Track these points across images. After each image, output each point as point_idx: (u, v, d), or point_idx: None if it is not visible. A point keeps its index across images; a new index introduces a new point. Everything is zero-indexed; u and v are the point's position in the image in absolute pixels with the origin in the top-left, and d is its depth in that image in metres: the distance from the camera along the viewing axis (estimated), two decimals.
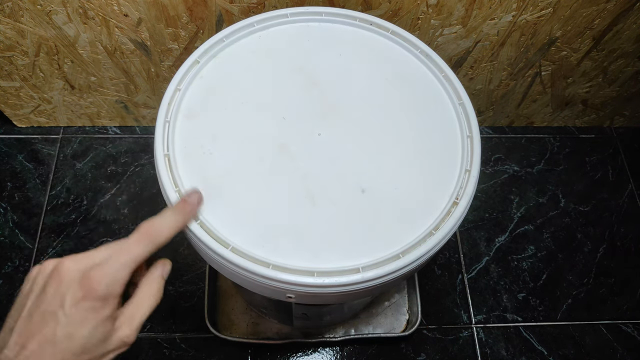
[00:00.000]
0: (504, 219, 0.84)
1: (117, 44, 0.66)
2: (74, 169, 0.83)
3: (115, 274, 0.28)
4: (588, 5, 0.62)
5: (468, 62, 0.72)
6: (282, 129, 0.42)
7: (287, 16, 0.48)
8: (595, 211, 0.86)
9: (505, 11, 0.62)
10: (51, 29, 0.64)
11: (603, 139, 0.93)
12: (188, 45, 0.67)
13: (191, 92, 0.44)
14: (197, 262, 0.77)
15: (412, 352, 0.72)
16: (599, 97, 0.84)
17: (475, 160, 0.41)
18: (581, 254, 0.82)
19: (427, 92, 0.45)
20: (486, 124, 0.92)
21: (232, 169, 0.40)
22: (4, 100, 0.79)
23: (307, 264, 0.36)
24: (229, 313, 0.72)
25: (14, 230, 0.77)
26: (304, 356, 0.71)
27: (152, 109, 0.83)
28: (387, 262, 0.36)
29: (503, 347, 0.74)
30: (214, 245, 0.36)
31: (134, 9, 0.61)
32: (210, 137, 0.41)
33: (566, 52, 0.71)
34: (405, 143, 0.42)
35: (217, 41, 0.46)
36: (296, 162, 0.41)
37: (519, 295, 0.78)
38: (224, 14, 0.62)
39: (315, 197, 0.39)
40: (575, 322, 0.76)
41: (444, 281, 0.78)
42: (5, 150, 0.84)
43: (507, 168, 0.88)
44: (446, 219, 0.38)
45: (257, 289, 0.38)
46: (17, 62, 0.70)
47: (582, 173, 0.89)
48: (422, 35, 0.66)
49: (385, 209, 0.39)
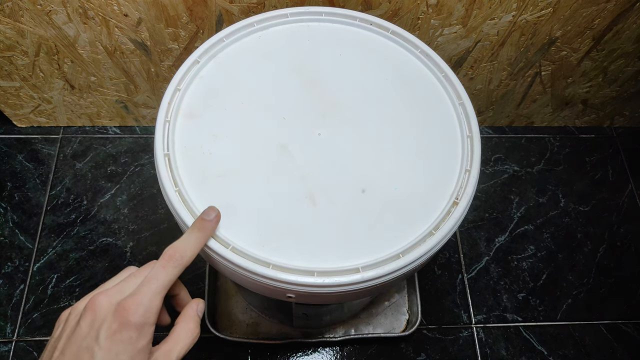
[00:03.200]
0: (504, 219, 0.84)
1: (117, 44, 0.66)
2: (74, 169, 0.83)
3: (149, 303, 0.28)
4: (588, 5, 0.62)
5: (468, 62, 0.72)
6: (282, 128, 0.42)
7: (287, 16, 0.48)
8: (595, 211, 0.86)
9: (505, 11, 0.62)
10: (51, 29, 0.64)
11: (603, 139, 0.93)
12: (188, 45, 0.67)
13: (191, 92, 0.44)
14: (197, 262, 0.76)
15: (412, 352, 0.72)
16: (599, 97, 0.84)
17: (475, 160, 0.41)
18: (581, 254, 0.82)
19: (427, 92, 0.45)
20: (486, 124, 0.92)
21: (232, 169, 0.40)
22: (4, 100, 0.79)
23: (307, 263, 0.36)
24: (229, 313, 0.72)
25: (14, 230, 0.77)
26: (304, 356, 0.71)
27: (152, 109, 0.83)
28: (387, 262, 0.36)
29: (503, 347, 0.74)
30: (214, 245, 0.36)
31: (134, 9, 0.61)
32: (210, 137, 0.41)
33: (566, 52, 0.71)
34: (405, 143, 0.42)
35: (217, 41, 0.46)
36: (296, 162, 0.41)
37: (519, 295, 0.78)
38: (224, 14, 0.62)
39: (315, 197, 0.39)
40: (575, 322, 0.76)
41: (444, 281, 0.78)
42: (5, 150, 0.84)
43: (507, 168, 0.88)
44: (446, 219, 0.38)
45: (257, 289, 0.38)
46: (17, 62, 0.70)
47: (582, 173, 0.89)
48: (422, 35, 0.66)
49: (385, 209, 0.39)
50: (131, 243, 0.77)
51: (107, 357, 0.26)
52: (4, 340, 0.70)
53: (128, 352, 0.27)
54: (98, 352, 0.26)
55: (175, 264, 0.31)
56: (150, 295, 0.29)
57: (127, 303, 0.28)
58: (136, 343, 0.27)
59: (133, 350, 0.27)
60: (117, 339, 0.27)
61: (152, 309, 0.28)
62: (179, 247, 0.32)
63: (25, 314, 0.72)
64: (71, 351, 0.27)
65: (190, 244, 0.33)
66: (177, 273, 0.31)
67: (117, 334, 0.27)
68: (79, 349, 0.27)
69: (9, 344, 0.70)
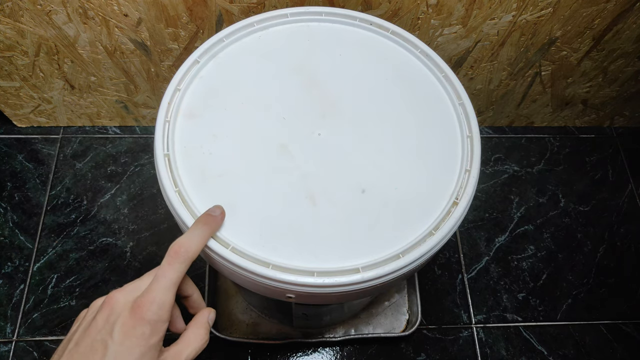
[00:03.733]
0: (504, 219, 0.84)
1: (117, 44, 0.66)
2: (74, 169, 0.83)
3: (162, 299, 0.29)
4: (588, 5, 0.62)
5: (468, 62, 0.72)
6: (282, 128, 0.42)
7: (287, 16, 0.48)
8: (595, 211, 0.86)
9: (505, 11, 0.62)
10: (51, 29, 0.64)
11: (603, 139, 0.93)
12: (188, 45, 0.67)
13: (191, 92, 0.44)
14: (197, 262, 0.76)
15: (412, 352, 0.72)
16: (599, 97, 0.84)
17: (475, 160, 0.41)
18: (581, 254, 0.82)
19: (427, 92, 0.45)
20: (486, 124, 0.92)
21: (232, 169, 0.40)
22: (4, 100, 0.79)
23: (307, 263, 0.36)
24: (229, 313, 0.72)
25: (14, 230, 0.77)
26: (304, 356, 0.71)
27: (152, 109, 0.83)
28: (387, 262, 0.36)
29: (503, 347, 0.74)
30: (214, 245, 0.36)
31: (134, 9, 0.61)
32: (210, 137, 0.41)
33: (566, 52, 0.71)
34: (405, 143, 0.42)
35: (217, 41, 0.46)
36: (296, 162, 0.41)
37: (519, 295, 0.78)
38: (224, 14, 0.62)
39: (315, 197, 0.39)
40: (575, 322, 0.76)
41: (444, 281, 0.78)
42: (5, 150, 0.84)
43: (507, 168, 0.88)
44: (446, 219, 0.38)
45: (257, 289, 0.38)
46: (17, 62, 0.70)
47: (582, 173, 0.89)
48: (422, 35, 0.66)
49: (385, 209, 0.39)
50: (131, 243, 0.77)
51: (120, 350, 0.27)
52: (4, 340, 0.70)
53: (140, 347, 0.27)
54: (111, 346, 0.27)
55: (181, 259, 0.31)
56: (161, 293, 0.29)
57: (141, 300, 0.29)
58: (149, 339, 0.28)
59: (145, 346, 0.28)
60: (131, 334, 0.27)
61: (165, 304, 0.29)
62: (183, 243, 0.32)
63: (25, 314, 0.72)
64: (86, 343, 0.27)
65: (195, 238, 0.33)
66: (184, 269, 0.31)
67: (131, 330, 0.28)
68: (93, 342, 0.27)
69: (9, 344, 0.70)
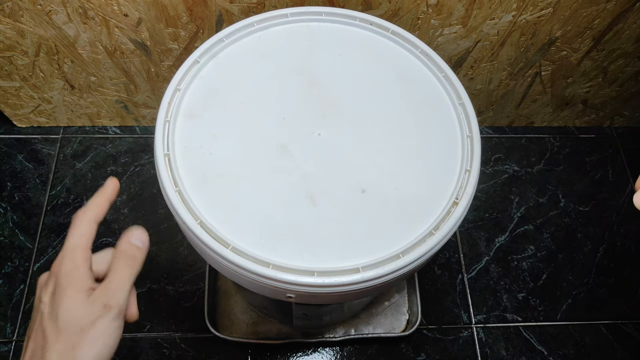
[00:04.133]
0: (504, 219, 0.84)
1: (117, 44, 0.66)
2: (74, 169, 0.83)
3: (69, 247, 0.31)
4: (588, 5, 0.62)
5: (468, 62, 0.72)
6: (282, 129, 0.42)
7: (287, 16, 0.48)
8: (595, 211, 0.85)
9: (505, 11, 0.62)
10: (51, 29, 0.64)
11: (603, 139, 0.93)
12: (188, 45, 0.67)
13: (191, 92, 0.44)
14: (197, 262, 0.77)
15: (412, 352, 0.72)
16: (599, 97, 0.84)
17: (475, 160, 0.41)
18: (581, 254, 0.82)
19: (427, 92, 0.45)
20: (486, 124, 0.92)
21: (232, 169, 0.40)
22: (4, 100, 0.79)
23: (307, 263, 0.36)
24: (229, 313, 0.72)
25: (14, 230, 0.77)
26: (304, 356, 0.71)
27: (152, 109, 0.83)
28: (387, 262, 0.36)
29: (503, 347, 0.74)
30: (214, 245, 0.36)
31: (134, 9, 0.61)
32: (210, 137, 0.41)
33: (566, 52, 0.71)
34: (405, 143, 0.42)
35: (217, 41, 0.46)
36: (296, 162, 0.41)
37: (519, 295, 0.78)
38: (224, 14, 0.62)
39: (315, 197, 0.39)
40: (575, 322, 0.76)
41: (444, 281, 0.78)
42: (5, 150, 0.84)
43: (507, 168, 0.88)
44: (446, 219, 0.38)
45: (257, 289, 0.38)
46: (17, 62, 0.70)
47: (582, 173, 0.89)
48: (422, 35, 0.66)
49: (385, 209, 0.39)
50: None
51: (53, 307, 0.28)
52: (4, 340, 0.70)
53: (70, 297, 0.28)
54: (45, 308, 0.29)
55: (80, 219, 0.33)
56: (68, 244, 0.31)
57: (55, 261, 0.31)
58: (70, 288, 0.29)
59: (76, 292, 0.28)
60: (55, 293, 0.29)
61: (75, 252, 0.30)
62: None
63: (25, 314, 0.72)
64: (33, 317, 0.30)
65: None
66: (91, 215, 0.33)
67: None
68: (35, 310, 0.30)
69: (9, 344, 0.70)
